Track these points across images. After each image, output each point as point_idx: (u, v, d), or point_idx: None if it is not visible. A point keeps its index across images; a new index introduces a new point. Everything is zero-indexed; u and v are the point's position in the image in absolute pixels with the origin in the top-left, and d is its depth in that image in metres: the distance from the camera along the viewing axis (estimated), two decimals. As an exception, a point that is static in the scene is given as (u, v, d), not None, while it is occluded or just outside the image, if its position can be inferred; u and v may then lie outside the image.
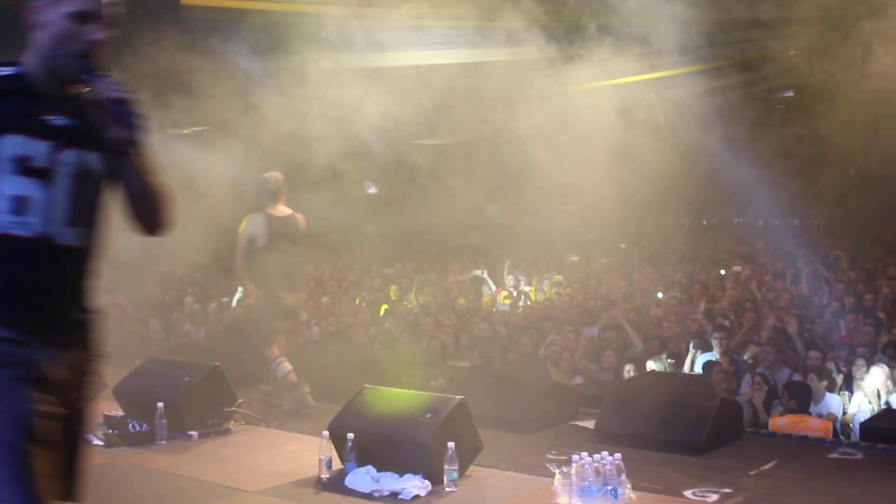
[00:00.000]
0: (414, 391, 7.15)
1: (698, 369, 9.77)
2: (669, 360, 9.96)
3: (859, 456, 7.25)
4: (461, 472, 6.22)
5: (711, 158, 14.95)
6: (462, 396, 6.58)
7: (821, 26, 13.29)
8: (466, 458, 6.41)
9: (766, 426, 8.34)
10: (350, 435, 6.41)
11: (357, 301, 14.36)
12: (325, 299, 14.61)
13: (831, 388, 8.84)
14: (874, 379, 8.70)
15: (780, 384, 9.08)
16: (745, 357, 9.95)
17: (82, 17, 2.97)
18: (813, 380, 8.75)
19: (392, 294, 15.25)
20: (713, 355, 9.85)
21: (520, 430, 7.81)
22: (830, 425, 7.99)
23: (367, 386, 7.11)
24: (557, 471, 5.70)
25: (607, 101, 12.99)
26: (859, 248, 17.22)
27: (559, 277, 15.80)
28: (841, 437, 8.14)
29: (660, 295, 13.24)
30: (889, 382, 8.69)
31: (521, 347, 10.65)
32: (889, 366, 9.03)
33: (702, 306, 11.94)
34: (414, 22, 12.04)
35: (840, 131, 17.43)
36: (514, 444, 7.46)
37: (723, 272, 15.09)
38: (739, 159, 17.34)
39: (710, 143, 15.29)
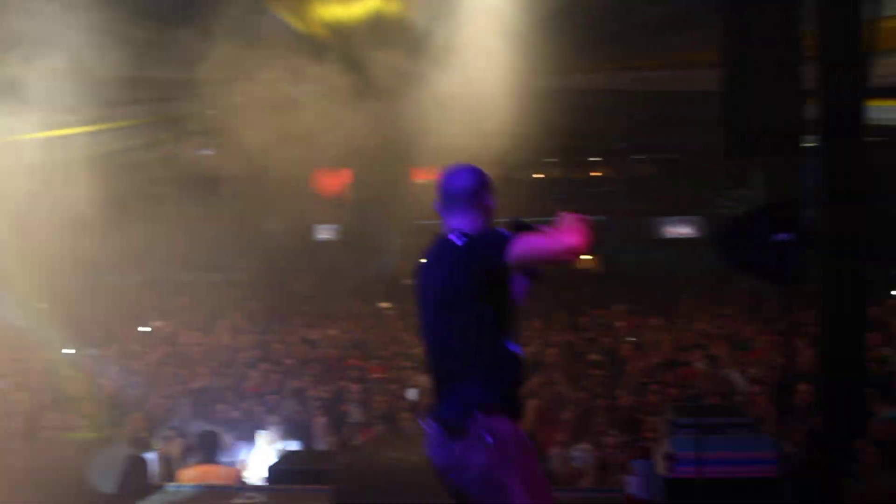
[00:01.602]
0: None
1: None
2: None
3: (264, 499, 7.67)
4: None
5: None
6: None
7: (236, 87, 13.82)
8: None
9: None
10: None
11: None
12: None
13: (241, 437, 9.24)
14: (277, 424, 9.24)
15: (193, 436, 9.28)
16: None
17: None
18: (223, 430, 9.08)
19: None
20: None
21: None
22: (236, 472, 8.34)
23: None
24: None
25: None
26: (273, 301, 18.21)
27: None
28: (249, 482, 8.50)
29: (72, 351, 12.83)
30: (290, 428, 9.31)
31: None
32: (294, 411, 9.70)
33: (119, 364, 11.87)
34: None
35: (259, 190, 18.35)
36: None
37: (145, 329, 15.08)
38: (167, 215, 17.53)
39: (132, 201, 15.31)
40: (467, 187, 4.03)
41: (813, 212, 7.77)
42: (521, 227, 3.89)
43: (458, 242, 3.87)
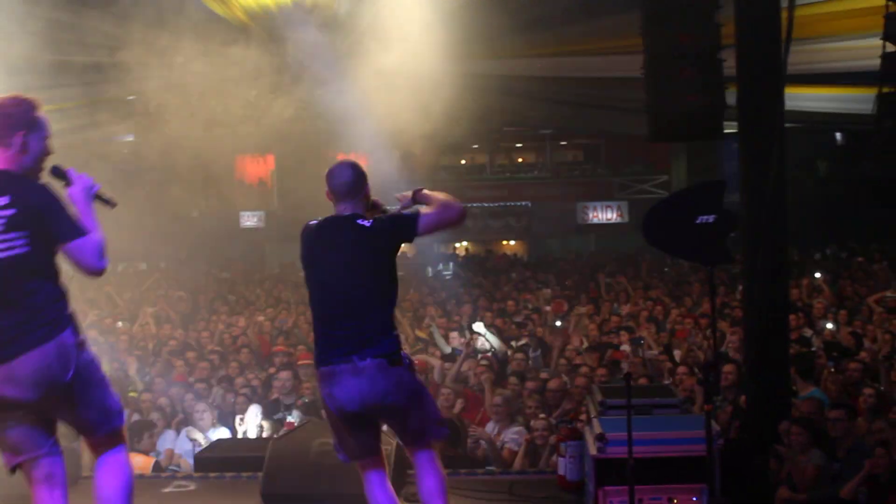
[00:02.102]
0: None
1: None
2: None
3: (193, 487, 7.59)
4: None
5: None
6: None
7: (156, 72, 13.57)
8: None
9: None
10: None
11: None
12: None
13: (168, 426, 9.14)
14: (206, 414, 9.15)
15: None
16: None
17: None
18: (150, 418, 8.98)
19: None
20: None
21: None
22: (153, 461, 8.28)
23: None
24: None
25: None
26: (202, 288, 18.01)
27: None
28: (179, 470, 8.40)
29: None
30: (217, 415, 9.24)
31: None
32: (223, 399, 9.63)
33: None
34: None
35: (183, 176, 18.05)
36: None
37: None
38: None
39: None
40: (351, 182, 5.09)
41: (735, 195, 7.92)
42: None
43: (366, 224, 4.99)
